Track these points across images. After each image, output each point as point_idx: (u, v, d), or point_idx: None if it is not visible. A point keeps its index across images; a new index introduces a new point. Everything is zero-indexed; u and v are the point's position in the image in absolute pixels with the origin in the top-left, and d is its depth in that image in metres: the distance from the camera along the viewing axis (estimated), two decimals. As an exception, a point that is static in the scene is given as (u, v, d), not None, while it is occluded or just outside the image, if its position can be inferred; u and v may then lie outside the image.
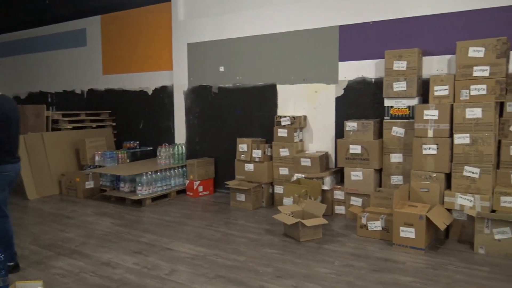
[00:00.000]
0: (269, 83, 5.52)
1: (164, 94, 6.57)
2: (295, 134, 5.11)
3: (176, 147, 6.02)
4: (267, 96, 5.54)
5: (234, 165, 5.45)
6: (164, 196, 5.66)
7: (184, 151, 6.10)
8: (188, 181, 5.84)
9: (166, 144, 6.08)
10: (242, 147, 5.36)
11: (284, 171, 5.14)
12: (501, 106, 3.93)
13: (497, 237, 3.52)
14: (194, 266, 3.46)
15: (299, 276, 3.23)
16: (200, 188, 5.83)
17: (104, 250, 3.83)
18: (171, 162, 5.93)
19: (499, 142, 3.91)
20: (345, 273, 3.27)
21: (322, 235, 4.07)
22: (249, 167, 5.31)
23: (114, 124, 7.16)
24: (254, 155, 5.27)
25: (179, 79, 6.30)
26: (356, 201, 4.57)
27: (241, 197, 5.19)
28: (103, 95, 7.34)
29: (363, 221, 4.04)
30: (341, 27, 4.92)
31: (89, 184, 5.93)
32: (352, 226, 4.33)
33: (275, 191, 5.25)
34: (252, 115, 5.67)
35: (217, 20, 5.86)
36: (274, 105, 5.49)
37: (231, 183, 5.31)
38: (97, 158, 6.24)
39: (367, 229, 4.02)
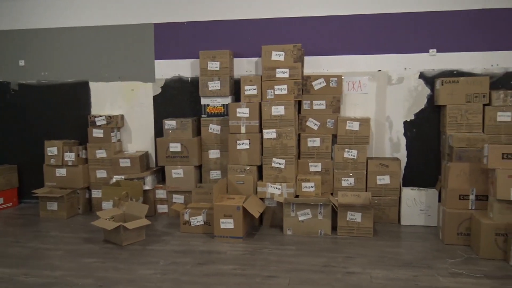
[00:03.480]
0: (80, 80, 5.12)
1: None
2: (112, 134, 4.88)
3: (-35, 154, 5.09)
4: (79, 94, 5.13)
5: (43, 171, 4.90)
6: (-49, 213, 4.73)
7: (-24, 159, 5.20)
8: (-17, 193, 5.00)
9: (-49, 151, 5.07)
10: (52, 150, 4.85)
11: (101, 173, 4.86)
12: (299, 104, 4.51)
13: (300, 218, 4.05)
14: (-4, 291, 3.00)
15: (123, 282, 3.12)
16: (0, 200, 5.05)
17: None
18: (-41, 172, 4.98)
19: (299, 135, 4.49)
20: (170, 271, 3.29)
21: (145, 236, 4.00)
22: (61, 172, 4.85)
23: None
24: (66, 158, 4.83)
25: (-35, 74, 5.32)
26: (178, 199, 4.64)
27: (53, 206, 4.71)
28: None
29: (186, 217, 4.13)
30: (156, 25, 4.89)
31: None
32: (176, 223, 4.38)
33: (93, 196, 4.93)
34: (63, 115, 5.18)
35: (13, 6, 5.13)
36: (88, 104, 5.13)
37: (39, 191, 4.77)
38: None
39: (190, 224, 4.13)
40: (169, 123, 4.63)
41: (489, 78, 4.16)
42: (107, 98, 5.09)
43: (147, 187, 4.66)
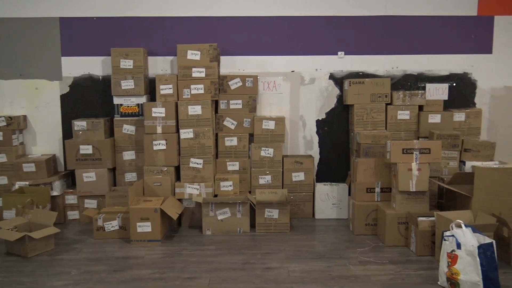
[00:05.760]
0: (-26, 77, 4.64)
1: None
2: (14, 136, 4.48)
3: None
4: (-28, 93, 4.64)
5: None
6: None
7: None
8: None
9: None
10: None
11: (1, 180, 4.44)
12: (216, 103, 4.52)
13: (219, 217, 4.06)
14: None
15: (30, 296, 2.89)
16: None
17: None
18: None
19: (217, 135, 4.50)
20: (83, 280, 3.12)
21: (55, 245, 3.75)
22: (-47, 179, 4.35)
23: None
24: (-42, 164, 4.35)
25: None
26: (91, 204, 4.41)
27: None
28: None
29: (99, 223, 3.94)
30: (62, 19, 4.59)
31: None
32: (88, 230, 4.16)
33: (-8, 205, 4.49)
34: (-48, 116, 4.65)
35: None
36: (-17, 104, 4.67)
37: None
38: None
39: (104, 230, 3.94)
40: (79, 124, 4.38)
41: (390, 79, 4.52)
42: (6, 97, 4.66)
43: (55, 193, 4.36)
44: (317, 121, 4.76)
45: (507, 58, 4.69)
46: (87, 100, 4.68)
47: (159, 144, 4.22)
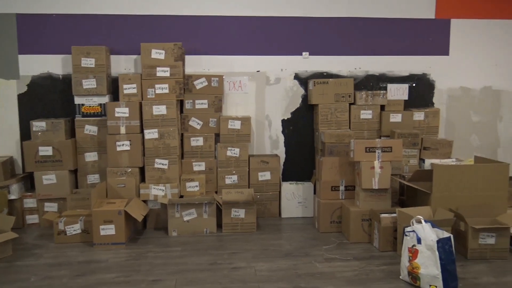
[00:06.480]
0: None
1: None
2: (-33, 138, 4.28)
3: None
4: None
5: None
6: None
7: None
8: None
9: None
10: None
11: (-46, 184, 4.23)
12: (181, 103, 4.47)
13: (185, 218, 4.03)
14: None
15: (-14, 305, 2.77)
16: None
17: None
18: None
19: (182, 135, 4.45)
20: (44, 287, 3.02)
21: (12, 251, 3.60)
22: None
23: None
24: None
25: None
26: (51, 207, 4.26)
27: None
28: None
29: (61, 226, 3.82)
30: (19, 16, 4.41)
31: None
32: (49, 234, 4.02)
33: None
34: None
35: None
36: None
37: None
38: None
39: (66, 234, 3.82)
40: (38, 125, 4.23)
41: (353, 79, 4.62)
42: (-42, 97, 4.45)
43: (12, 197, 4.19)
44: (283, 120, 4.80)
45: (463, 60, 4.90)
46: (46, 100, 4.53)
47: (123, 144, 4.13)
